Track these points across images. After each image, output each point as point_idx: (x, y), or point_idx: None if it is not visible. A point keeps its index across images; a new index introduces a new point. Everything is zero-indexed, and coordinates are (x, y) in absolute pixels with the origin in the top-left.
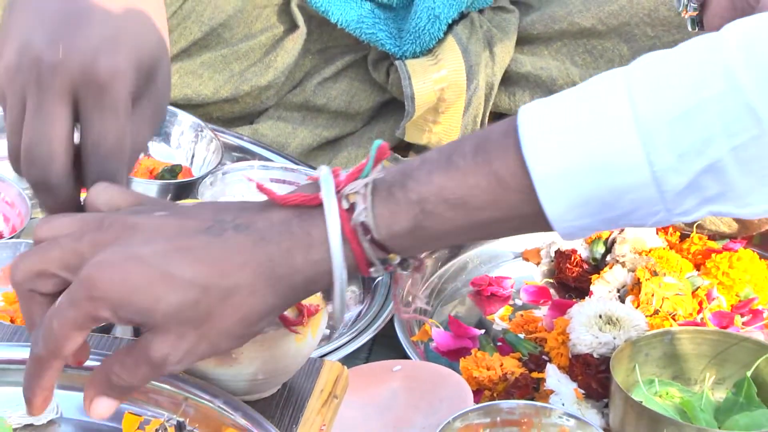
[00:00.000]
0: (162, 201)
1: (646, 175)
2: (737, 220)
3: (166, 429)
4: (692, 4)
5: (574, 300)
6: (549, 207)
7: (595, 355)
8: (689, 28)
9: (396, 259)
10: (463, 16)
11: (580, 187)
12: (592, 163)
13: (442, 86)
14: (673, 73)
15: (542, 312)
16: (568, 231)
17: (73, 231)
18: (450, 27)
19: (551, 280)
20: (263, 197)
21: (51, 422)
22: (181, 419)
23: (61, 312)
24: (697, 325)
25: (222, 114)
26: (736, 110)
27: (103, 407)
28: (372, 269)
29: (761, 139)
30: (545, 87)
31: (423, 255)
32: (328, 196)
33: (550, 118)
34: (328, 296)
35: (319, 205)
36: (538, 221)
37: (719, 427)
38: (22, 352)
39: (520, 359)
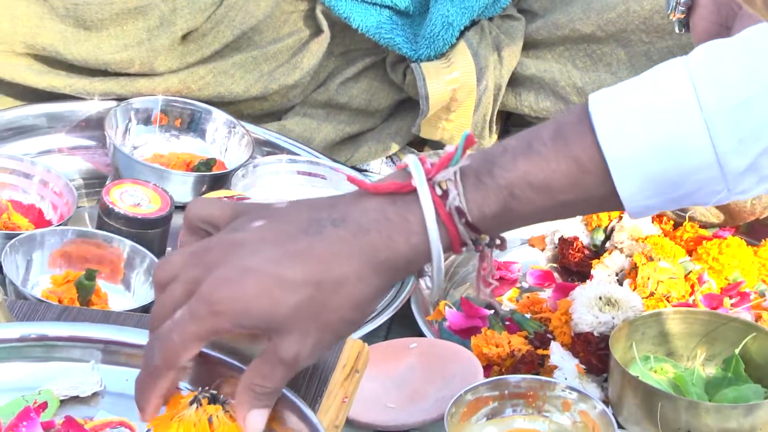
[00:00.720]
0: (256, 207)
1: (711, 157)
2: (724, 212)
3: (200, 401)
4: (680, 8)
5: (576, 283)
6: (622, 188)
7: (595, 334)
8: (676, 30)
9: (486, 238)
10: (474, 23)
11: (650, 168)
12: (661, 147)
13: (454, 87)
14: (733, 62)
15: (547, 294)
16: (637, 210)
17: (186, 264)
18: (462, 33)
19: (555, 265)
20: (293, 188)
21: (95, 394)
22: (214, 392)
23: (183, 326)
24: (689, 306)
25: (252, 111)
26: None
27: (258, 419)
28: (464, 248)
29: None
30: (549, 88)
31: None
32: (421, 183)
33: (619, 106)
34: (420, 274)
35: (411, 192)
36: (612, 201)
37: (709, 400)
38: (69, 330)
39: (526, 337)
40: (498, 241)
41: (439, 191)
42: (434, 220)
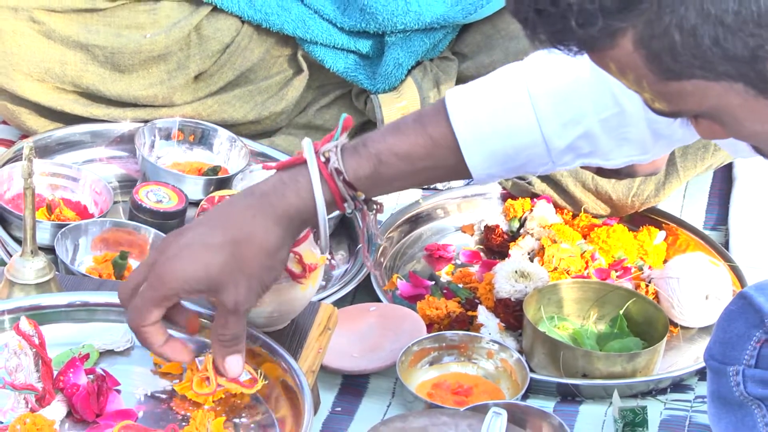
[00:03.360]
0: None
1: (538, 137)
2: (611, 206)
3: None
4: None
5: (498, 260)
6: (469, 159)
7: (512, 299)
8: None
9: (362, 195)
10: (418, 63)
11: (491, 145)
12: (500, 129)
13: (403, 112)
14: (559, 65)
15: (475, 269)
16: (482, 178)
17: (148, 255)
18: (409, 71)
19: (481, 246)
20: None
21: (127, 349)
22: (236, 420)
23: (143, 295)
24: (584, 278)
25: (248, 131)
26: (601, 92)
27: (234, 362)
28: (345, 204)
29: (620, 115)
30: None
31: (380, 199)
32: (309, 152)
33: (469, 98)
34: (316, 235)
35: (303, 163)
36: (461, 170)
37: (600, 350)
38: (107, 298)
39: (459, 302)
40: (375, 206)
41: (323, 159)
42: (318, 178)
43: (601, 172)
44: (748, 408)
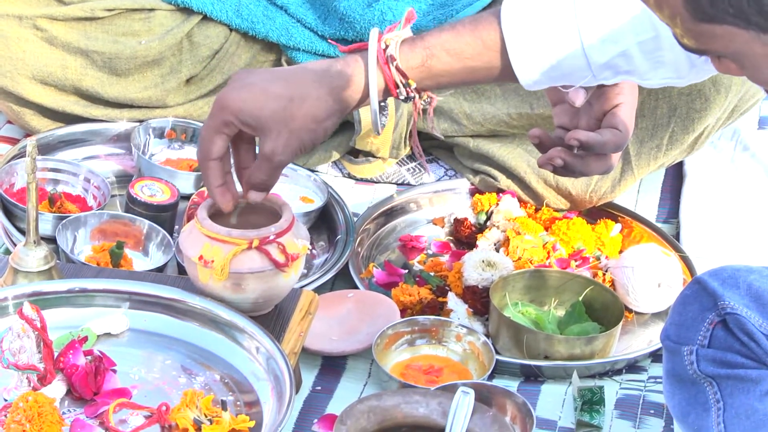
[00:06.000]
0: None
1: (578, 48)
2: (570, 200)
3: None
4: None
5: (466, 251)
6: (515, 62)
7: (479, 287)
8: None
9: (414, 84)
10: None
11: (537, 51)
12: (545, 36)
13: None
14: None
15: (445, 258)
16: (528, 83)
17: None
18: None
19: (451, 238)
20: None
21: (123, 332)
22: (224, 398)
23: (206, 123)
24: (546, 267)
25: None
26: (642, 17)
27: (256, 195)
28: (398, 91)
29: (656, 39)
30: (447, 114)
31: (433, 96)
32: (372, 38)
33: (522, 7)
34: (374, 120)
35: (366, 49)
36: (508, 74)
37: (560, 334)
38: (104, 285)
39: (430, 289)
40: (428, 98)
41: (383, 46)
42: (375, 62)
43: (557, 171)
44: (701, 385)
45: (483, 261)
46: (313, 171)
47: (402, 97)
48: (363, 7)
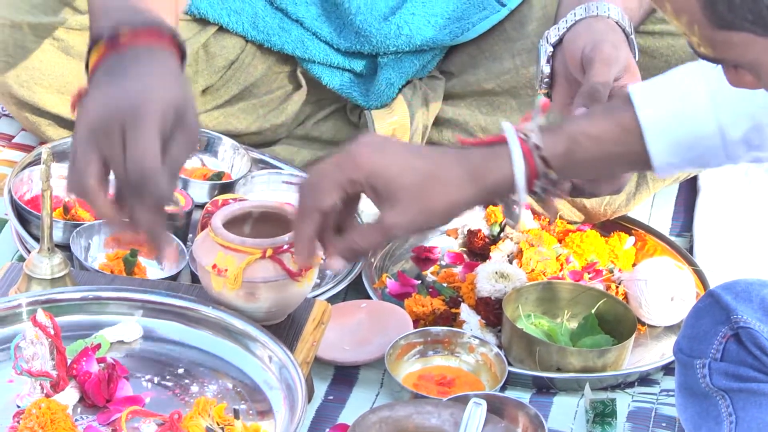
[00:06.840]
0: None
1: (714, 127)
2: (584, 213)
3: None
4: (543, 85)
5: (479, 262)
6: (651, 145)
7: (492, 298)
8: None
9: (553, 174)
10: (408, 82)
11: (671, 133)
12: (680, 119)
13: (394, 127)
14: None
15: (458, 270)
16: (662, 166)
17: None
18: (400, 89)
19: (464, 249)
20: (279, 193)
21: (135, 339)
22: (236, 407)
23: (330, 173)
24: (559, 279)
25: (251, 141)
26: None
27: (338, 263)
28: (537, 181)
29: None
30: (461, 127)
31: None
32: (510, 131)
33: (652, 88)
34: (509, 211)
35: (503, 142)
36: (643, 158)
37: (573, 346)
38: (118, 293)
39: (443, 300)
40: (560, 191)
41: (522, 136)
42: (519, 152)
43: (570, 193)
44: (713, 399)
45: (496, 272)
46: None
47: (537, 188)
48: (379, 21)
